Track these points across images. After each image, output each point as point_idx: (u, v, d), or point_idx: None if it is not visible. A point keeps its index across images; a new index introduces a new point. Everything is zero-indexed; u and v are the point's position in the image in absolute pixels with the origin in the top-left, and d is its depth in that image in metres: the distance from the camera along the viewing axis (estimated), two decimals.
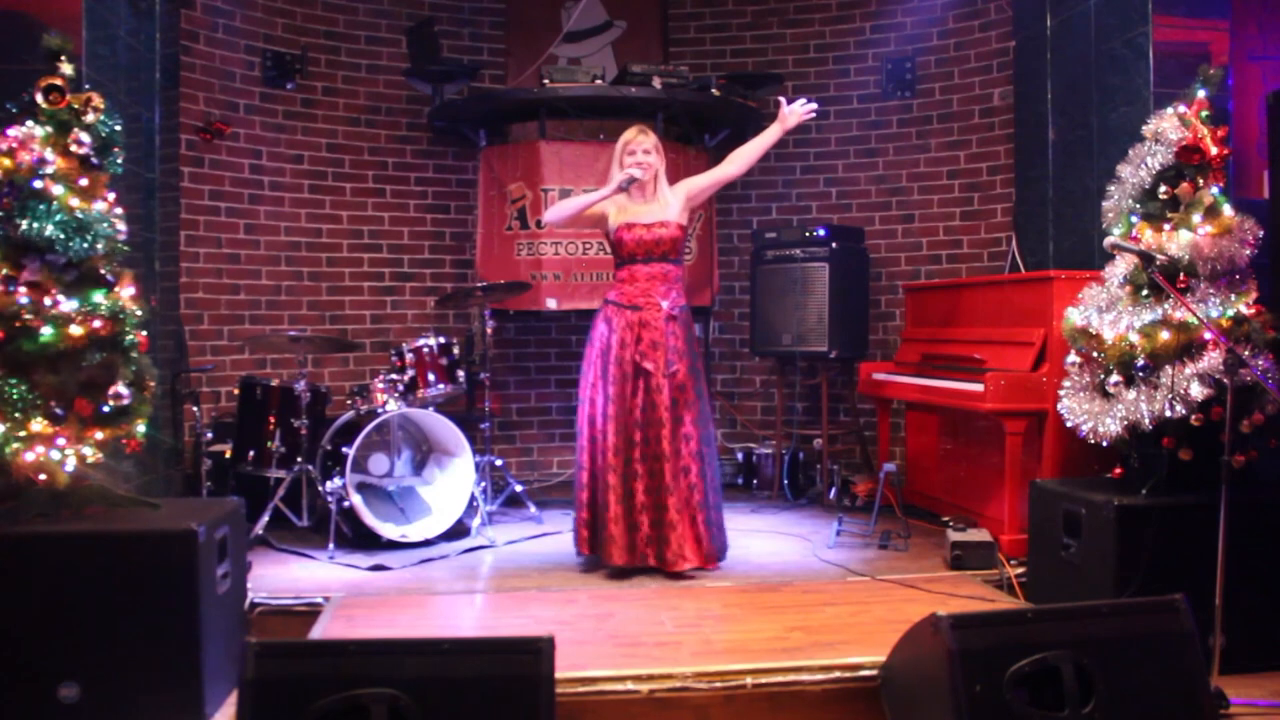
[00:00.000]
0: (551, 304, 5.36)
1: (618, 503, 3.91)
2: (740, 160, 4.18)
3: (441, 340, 4.82)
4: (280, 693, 2.27)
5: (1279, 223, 3.77)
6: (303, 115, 5.77)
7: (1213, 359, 3.17)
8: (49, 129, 2.95)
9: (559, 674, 2.39)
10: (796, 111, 4.08)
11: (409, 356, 4.73)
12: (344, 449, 4.41)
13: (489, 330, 4.97)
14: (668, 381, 3.95)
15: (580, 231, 5.35)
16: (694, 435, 3.97)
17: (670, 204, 4.11)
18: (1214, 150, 3.36)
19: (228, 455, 4.82)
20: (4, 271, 2.87)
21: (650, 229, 4.04)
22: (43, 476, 2.84)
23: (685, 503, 3.93)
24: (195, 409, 4.71)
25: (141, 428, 3.10)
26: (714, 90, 5.52)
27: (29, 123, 2.95)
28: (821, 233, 5.45)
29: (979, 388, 4.14)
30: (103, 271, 3.00)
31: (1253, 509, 3.14)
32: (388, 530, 4.38)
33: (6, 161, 2.90)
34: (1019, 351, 4.22)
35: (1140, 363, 3.28)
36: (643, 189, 4.10)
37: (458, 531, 4.59)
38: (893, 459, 5.44)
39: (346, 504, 4.35)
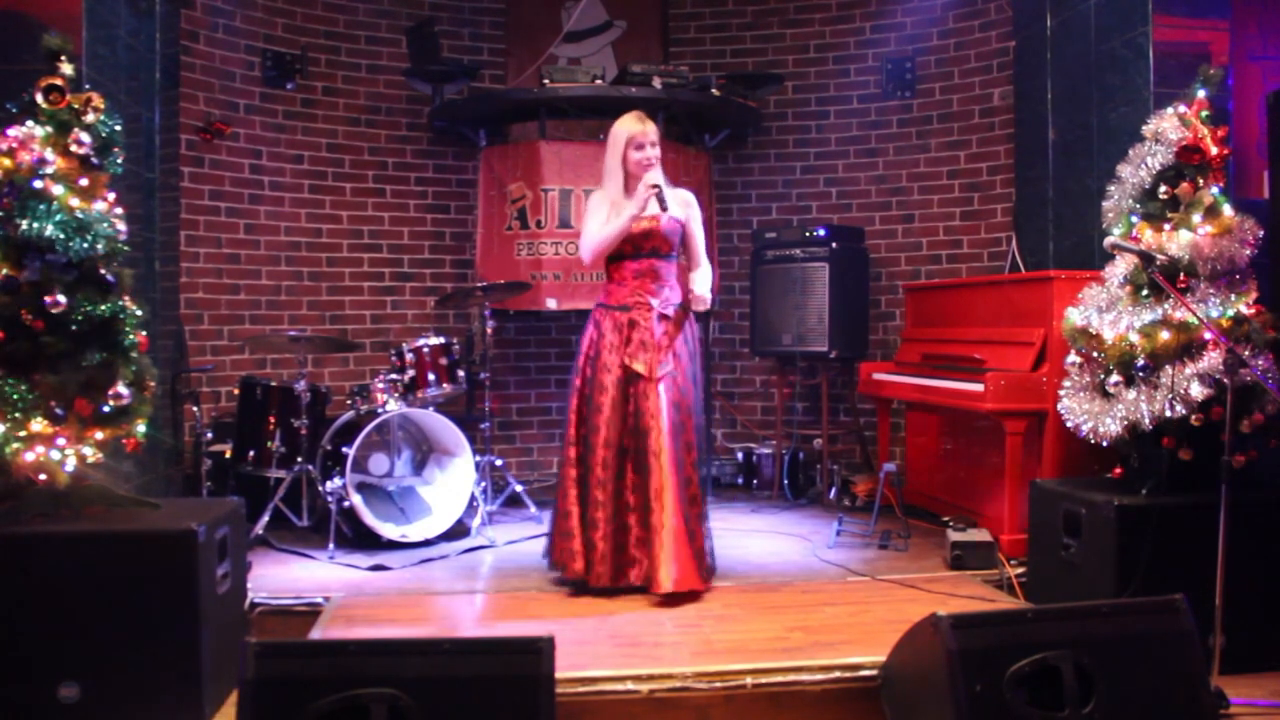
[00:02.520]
0: (551, 304, 5.36)
1: (607, 521, 3.62)
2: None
3: (442, 340, 4.82)
4: (280, 693, 2.27)
5: (1279, 223, 3.77)
6: (303, 115, 5.76)
7: (1213, 359, 3.17)
8: (49, 129, 2.96)
9: (559, 674, 2.39)
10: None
11: (409, 356, 4.73)
12: (344, 449, 4.41)
13: (489, 330, 4.97)
14: (659, 385, 3.64)
15: (580, 231, 5.35)
16: (694, 444, 3.71)
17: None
18: (1214, 150, 3.36)
19: (228, 455, 4.82)
20: (4, 271, 2.87)
21: (636, 221, 3.70)
22: (43, 476, 2.84)
23: (684, 519, 3.60)
24: (195, 409, 4.71)
25: (141, 428, 3.10)
26: (714, 90, 5.53)
27: (29, 123, 2.95)
28: (821, 233, 5.45)
29: (979, 388, 4.14)
30: (103, 271, 3.00)
31: (1253, 509, 3.14)
32: (388, 530, 4.38)
33: (6, 161, 2.90)
34: (1019, 351, 4.22)
35: (1140, 363, 3.28)
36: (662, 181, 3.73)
37: (458, 531, 4.58)
38: (893, 459, 5.44)
39: (346, 504, 4.35)
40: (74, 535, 2.77)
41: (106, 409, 2.95)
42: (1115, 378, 3.37)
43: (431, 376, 4.73)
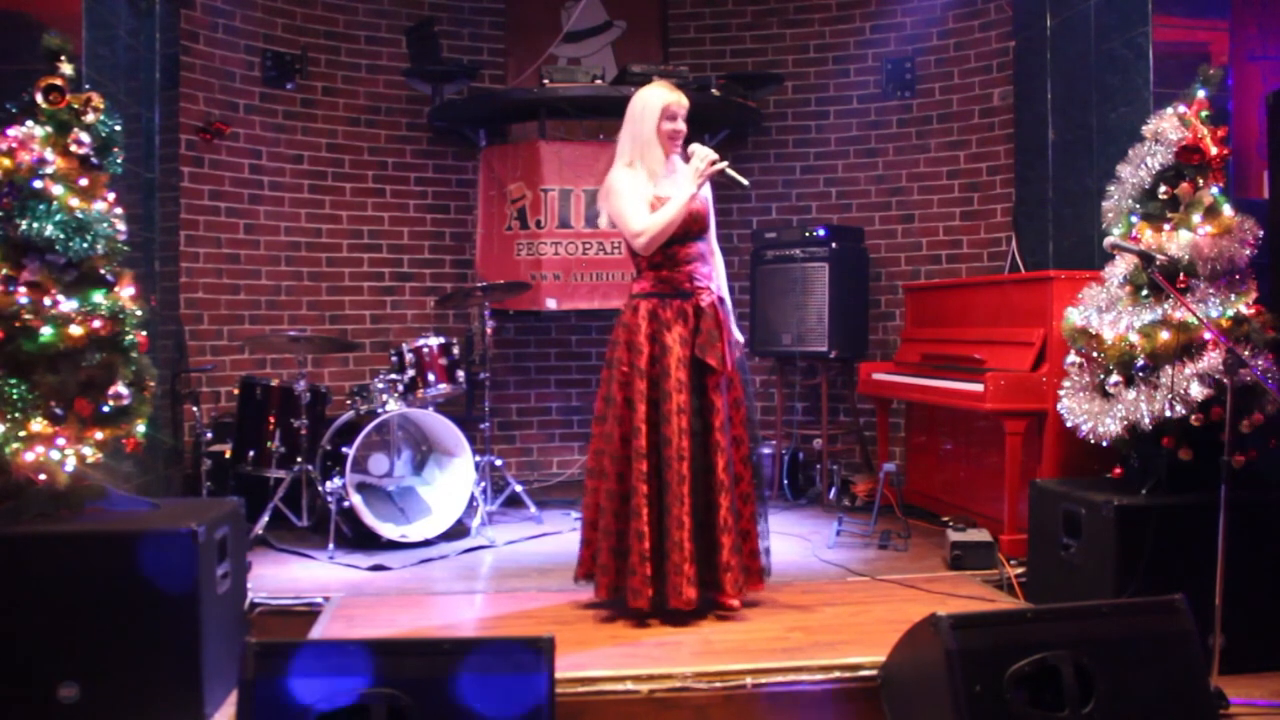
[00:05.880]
0: (551, 304, 5.36)
1: (652, 536, 3.28)
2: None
3: (441, 340, 4.82)
4: (280, 693, 2.27)
5: (1279, 222, 3.77)
6: (303, 115, 5.76)
7: (1213, 359, 3.17)
8: (49, 129, 2.95)
9: (559, 674, 2.39)
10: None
11: (409, 356, 4.73)
12: (344, 449, 4.41)
13: (489, 330, 4.97)
14: (723, 378, 3.40)
15: (580, 231, 5.36)
16: (744, 438, 3.49)
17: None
18: (1214, 150, 3.36)
19: (228, 455, 4.82)
20: (4, 271, 2.87)
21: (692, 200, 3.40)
22: (43, 476, 2.84)
23: (737, 520, 3.39)
24: (195, 409, 4.72)
25: (141, 428, 3.10)
26: (714, 90, 5.53)
27: (29, 123, 2.95)
28: (821, 233, 5.45)
29: (979, 388, 4.14)
30: (103, 271, 3.00)
31: (1253, 509, 3.14)
32: (387, 530, 4.38)
33: (6, 161, 2.90)
34: (1019, 351, 4.22)
35: (1140, 363, 3.28)
36: (677, 154, 3.53)
37: (457, 531, 4.59)
38: (893, 459, 5.44)
39: (346, 504, 4.35)
40: (74, 535, 2.77)
41: (106, 409, 2.95)
42: (1115, 378, 3.37)
43: (431, 376, 4.73)
